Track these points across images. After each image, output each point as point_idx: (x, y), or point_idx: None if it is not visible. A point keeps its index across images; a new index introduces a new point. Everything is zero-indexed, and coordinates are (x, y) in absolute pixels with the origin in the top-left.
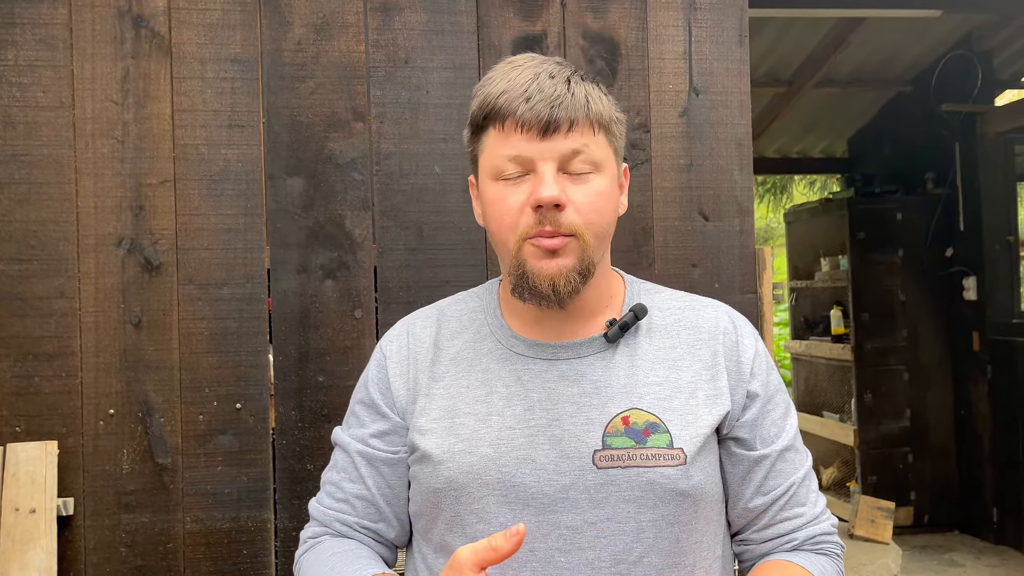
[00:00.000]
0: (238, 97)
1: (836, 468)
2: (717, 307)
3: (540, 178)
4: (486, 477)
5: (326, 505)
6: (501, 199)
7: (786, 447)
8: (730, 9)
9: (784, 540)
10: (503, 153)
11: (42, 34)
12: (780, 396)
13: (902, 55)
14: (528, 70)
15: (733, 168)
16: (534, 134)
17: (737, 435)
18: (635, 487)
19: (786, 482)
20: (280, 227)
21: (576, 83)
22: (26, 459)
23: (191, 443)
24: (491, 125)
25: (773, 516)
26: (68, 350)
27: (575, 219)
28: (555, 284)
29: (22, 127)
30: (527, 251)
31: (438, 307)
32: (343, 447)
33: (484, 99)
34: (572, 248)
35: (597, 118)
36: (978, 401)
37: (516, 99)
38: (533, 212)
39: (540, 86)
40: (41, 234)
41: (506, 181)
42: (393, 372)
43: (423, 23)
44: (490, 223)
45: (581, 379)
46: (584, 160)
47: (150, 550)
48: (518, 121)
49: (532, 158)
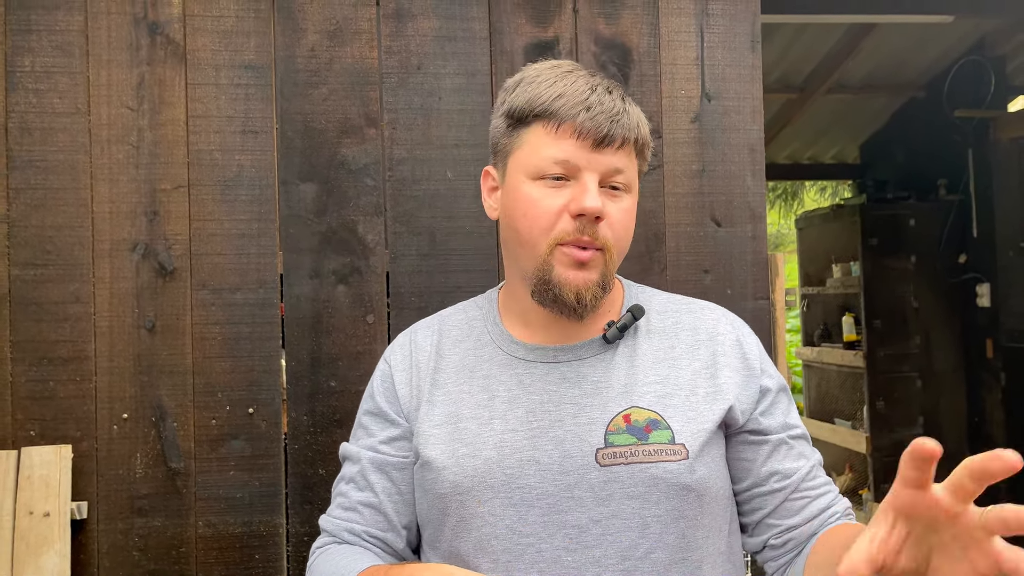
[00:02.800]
0: (252, 103)
1: (848, 475)
2: (714, 309)
3: (584, 187)
4: (491, 480)
5: (335, 516)
6: (537, 199)
7: (800, 435)
8: (742, 15)
9: (828, 514)
10: (550, 154)
11: (58, 41)
12: (785, 392)
13: (914, 61)
14: (582, 79)
15: (745, 174)
16: (588, 144)
17: (752, 427)
18: (638, 483)
19: (807, 464)
20: (293, 232)
21: (629, 104)
22: (40, 463)
23: (204, 448)
24: (539, 124)
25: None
26: (83, 354)
27: (608, 234)
28: (580, 296)
29: (38, 133)
30: (558, 257)
31: (439, 317)
32: (352, 458)
33: (535, 97)
34: (598, 262)
35: (643, 141)
36: (992, 408)
37: (576, 105)
38: (572, 219)
39: (600, 98)
40: (57, 239)
41: (546, 182)
42: (399, 380)
43: (435, 29)
44: (519, 221)
45: (582, 380)
46: (623, 179)
47: (163, 554)
48: (576, 128)
49: (579, 166)
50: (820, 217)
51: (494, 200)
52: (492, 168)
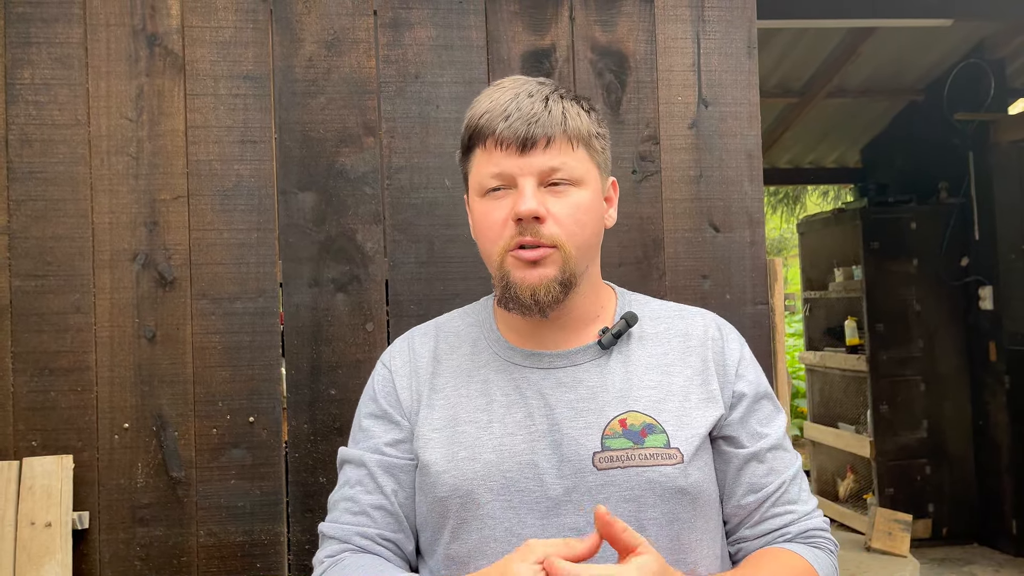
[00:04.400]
0: (250, 113)
1: (852, 480)
2: (704, 315)
3: (520, 192)
4: (490, 483)
5: (344, 522)
6: (485, 213)
7: (774, 445)
8: (738, 21)
9: (778, 534)
10: (486, 170)
11: (58, 53)
12: (767, 400)
13: (914, 64)
14: (509, 91)
15: (743, 179)
16: (513, 150)
17: (726, 434)
18: (634, 486)
19: (777, 479)
20: (292, 241)
21: (554, 101)
22: (42, 473)
23: (204, 457)
24: (476, 145)
25: (765, 512)
26: (83, 365)
27: (556, 231)
28: (535, 294)
29: (38, 144)
30: (509, 262)
31: (435, 323)
32: (355, 461)
33: (469, 121)
34: (553, 259)
35: (575, 133)
36: (996, 411)
37: (496, 118)
38: (515, 224)
39: (519, 105)
40: (57, 250)
41: (490, 196)
42: (400, 384)
43: (433, 38)
44: (478, 238)
45: (578, 385)
46: (564, 175)
47: (164, 564)
48: (498, 139)
49: (512, 173)
50: (822, 221)
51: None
52: (467, 196)
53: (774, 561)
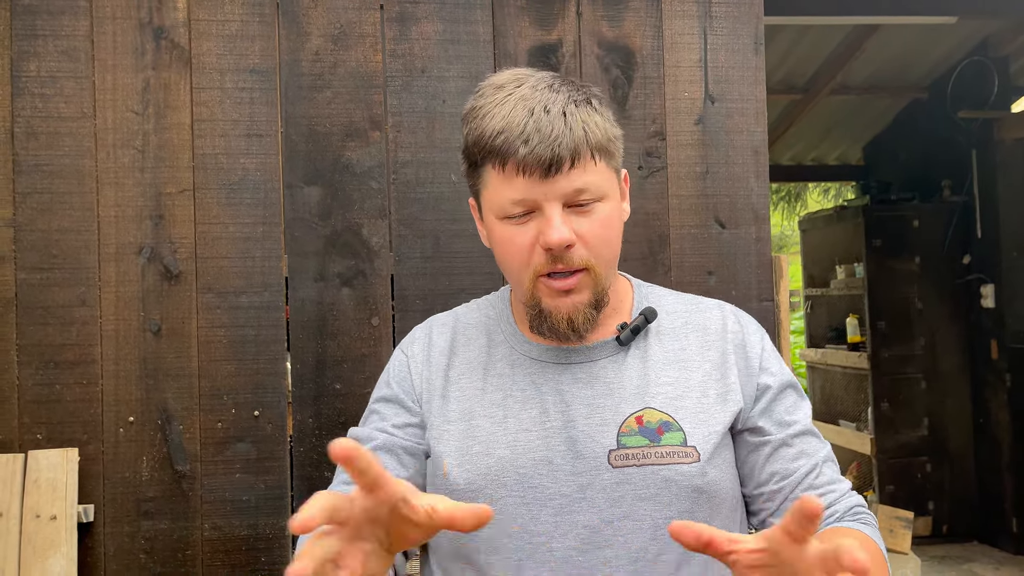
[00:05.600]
0: (256, 107)
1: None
2: (722, 307)
3: (548, 221)
4: (504, 478)
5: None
6: (509, 239)
7: (802, 432)
8: (746, 17)
9: (826, 513)
10: (507, 196)
11: (64, 45)
12: (792, 388)
13: (918, 62)
14: (520, 104)
15: (749, 175)
16: (536, 176)
17: (751, 426)
18: (650, 485)
19: (809, 462)
20: (298, 235)
21: (571, 113)
22: (47, 466)
23: (209, 450)
24: (490, 164)
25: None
26: (89, 358)
27: (585, 254)
28: (572, 322)
29: (44, 137)
30: (541, 289)
31: (454, 314)
32: (362, 439)
33: (480, 136)
34: (585, 283)
35: (597, 146)
36: (997, 409)
37: (514, 140)
38: (544, 252)
39: (537, 124)
40: (63, 243)
41: (512, 220)
42: (416, 371)
43: (439, 33)
44: (501, 259)
45: (594, 381)
46: (590, 195)
47: (169, 557)
48: (519, 164)
49: (537, 199)
50: (824, 219)
51: (483, 230)
52: (473, 201)
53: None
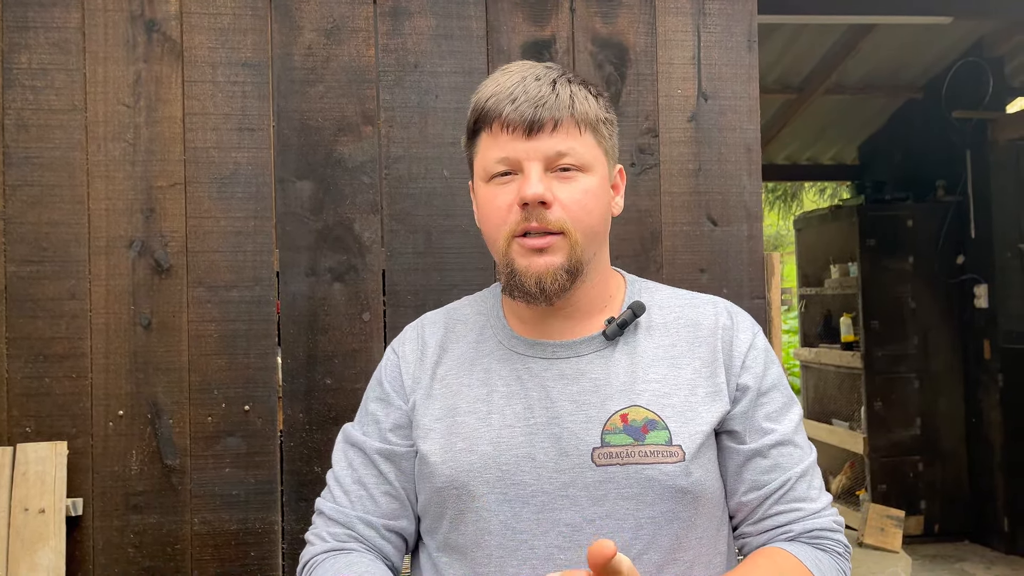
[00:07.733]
0: (248, 101)
1: (845, 476)
2: (716, 303)
3: (526, 177)
4: (487, 475)
5: (347, 504)
6: (491, 198)
7: (780, 442)
8: (739, 15)
9: (780, 532)
10: (492, 155)
11: (55, 38)
12: (777, 392)
13: (913, 62)
14: (516, 74)
15: (742, 173)
16: (519, 134)
17: (729, 428)
18: (633, 484)
19: (781, 477)
20: (289, 230)
21: (562, 85)
22: (36, 459)
23: (199, 445)
24: (482, 129)
25: (767, 509)
26: (78, 351)
27: (562, 216)
28: (541, 281)
29: (35, 130)
30: (515, 249)
31: (446, 311)
32: (359, 446)
33: (475, 104)
34: (560, 246)
35: (582, 117)
36: (989, 409)
37: (502, 101)
38: (520, 210)
39: (525, 88)
40: (53, 236)
41: (496, 181)
42: (406, 371)
43: (432, 28)
44: (482, 223)
45: (580, 377)
46: (571, 160)
47: (158, 551)
48: (504, 122)
49: (518, 158)
50: (818, 218)
51: (477, 210)
52: (471, 183)
53: (767, 562)
